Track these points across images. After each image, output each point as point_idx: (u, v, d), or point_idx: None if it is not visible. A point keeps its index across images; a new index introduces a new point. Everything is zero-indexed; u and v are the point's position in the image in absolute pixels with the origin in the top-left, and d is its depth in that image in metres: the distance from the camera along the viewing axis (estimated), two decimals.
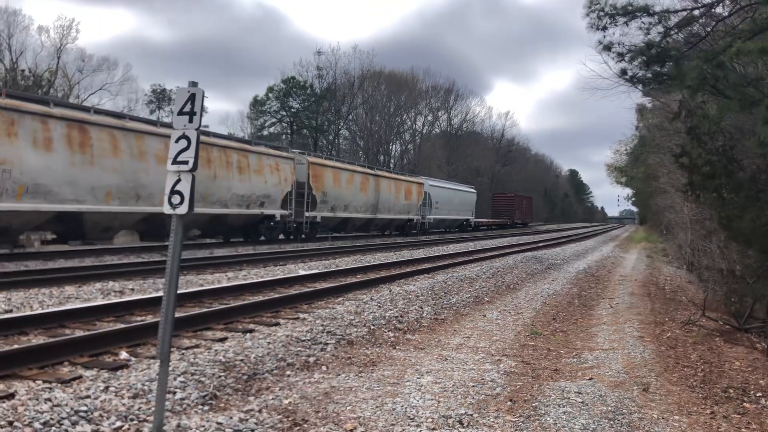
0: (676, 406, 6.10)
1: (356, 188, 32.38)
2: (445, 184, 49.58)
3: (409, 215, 40.05)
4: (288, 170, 26.23)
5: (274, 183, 24.93)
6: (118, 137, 17.72)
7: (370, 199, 34.12)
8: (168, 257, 4.47)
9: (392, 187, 37.35)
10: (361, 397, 5.79)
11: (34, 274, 12.08)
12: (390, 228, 39.02)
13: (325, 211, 29.22)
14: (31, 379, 5.32)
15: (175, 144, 4.56)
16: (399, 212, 38.33)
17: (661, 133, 23.65)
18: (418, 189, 41.30)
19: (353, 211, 32.18)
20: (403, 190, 38.93)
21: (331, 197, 29.68)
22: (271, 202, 24.77)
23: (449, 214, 48.21)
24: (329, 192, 29.38)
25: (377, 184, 34.95)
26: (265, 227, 25.04)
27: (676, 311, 12.66)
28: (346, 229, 33.26)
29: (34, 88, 42.36)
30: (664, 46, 11.29)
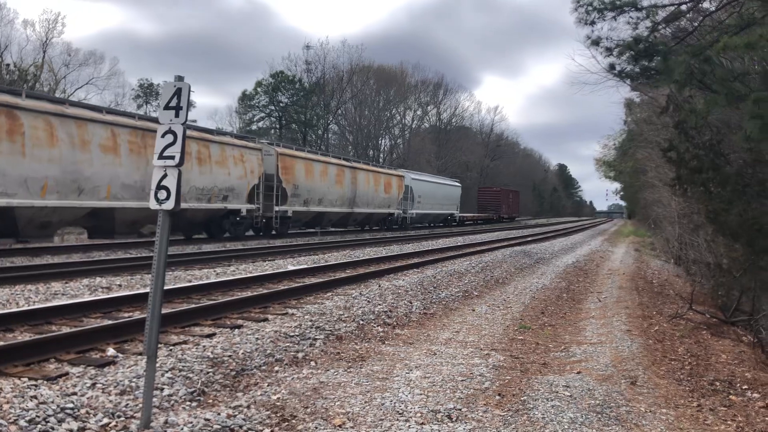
0: (663, 399, 6.14)
1: (331, 181, 30.78)
2: (428, 178, 48.43)
3: (389, 209, 38.69)
4: (255, 161, 24.55)
5: (238, 175, 23.30)
6: (55, 124, 16.10)
7: (347, 193, 32.60)
8: (154, 254, 4.44)
9: (371, 180, 35.75)
10: (349, 393, 5.78)
11: (19, 271, 11.98)
12: (370, 223, 37.61)
13: (297, 205, 27.64)
14: (17, 377, 5.27)
15: (161, 139, 4.53)
16: (378, 206, 36.85)
17: (649, 127, 23.74)
18: (398, 182, 39.96)
19: (328, 205, 30.59)
20: (383, 183, 37.45)
21: (304, 190, 28.13)
22: (236, 196, 23.19)
23: (432, 208, 47.19)
24: (301, 185, 27.80)
25: (354, 177, 33.42)
26: (230, 223, 23.59)
27: (664, 305, 12.74)
28: (322, 225, 31.55)
29: (20, 82, 41.95)
30: (652, 41, 11.33)
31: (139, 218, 18.85)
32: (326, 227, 32.67)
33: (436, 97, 79.16)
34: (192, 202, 20.79)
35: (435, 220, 49.52)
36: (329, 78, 65.03)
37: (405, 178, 41.16)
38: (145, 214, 18.26)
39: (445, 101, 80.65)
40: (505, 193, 67.41)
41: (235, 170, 23.08)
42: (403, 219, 41.20)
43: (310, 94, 62.04)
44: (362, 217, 35.48)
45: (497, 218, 62.81)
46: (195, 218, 21.82)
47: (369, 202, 35.39)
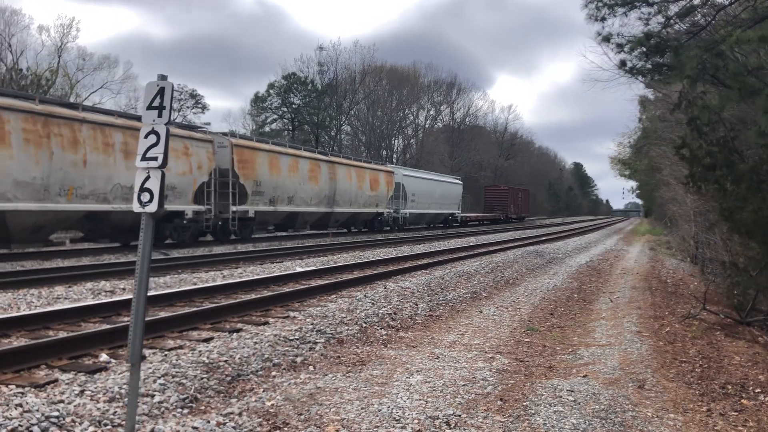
0: (671, 403, 5.93)
1: (303, 177, 27.20)
2: (423, 174, 44.98)
3: (377, 209, 34.87)
4: (203, 155, 21.07)
5: (181, 171, 19.99)
6: None
7: (324, 190, 29.02)
8: (138, 258, 4.32)
9: (353, 176, 32.01)
10: (346, 398, 5.63)
11: (26, 275, 11.96)
12: (355, 224, 34.34)
13: (260, 205, 24.23)
14: (4, 384, 5.16)
15: (144, 139, 4.40)
16: (364, 205, 33.14)
17: (664, 124, 23.39)
18: (387, 178, 36.08)
19: (301, 204, 27.09)
20: (368, 180, 33.53)
21: (268, 187, 24.65)
22: (178, 195, 19.88)
23: (429, 207, 43.57)
24: (264, 181, 24.36)
25: (333, 173, 29.81)
26: (172, 227, 20.33)
27: (677, 305, 12.46)
28: (296, 227, 28.29)
29: (34, 87, 42.27)
30: (664, 37, 11.11)
31: (43, 223, 16.13)
32: (301, 229, 29.50)
33: (450, 97, 78.97)
34: (117, 203, 17.87)
35: (433, 220, 46.24)
36: (342, 79, 65.03)
37: (395, 174, 37.74)
38: (52, 218, 16.26)
39: (459, 100, 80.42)
40: (513, 191, 64.40)
41: (176, 165, 19.55)
42: (394, 219, 37.91)
43: (322, 95, 62.02)
44: (345, 217, 32.16)
45: (505, 218, 59.93)
46: (124, 222, 18.47)
47: (352, 201, 31.90)
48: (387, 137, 69.32)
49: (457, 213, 49.24)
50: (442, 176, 49.62)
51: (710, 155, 10.87)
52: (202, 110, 61.27)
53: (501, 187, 64.63)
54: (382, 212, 35.50)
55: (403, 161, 64.80)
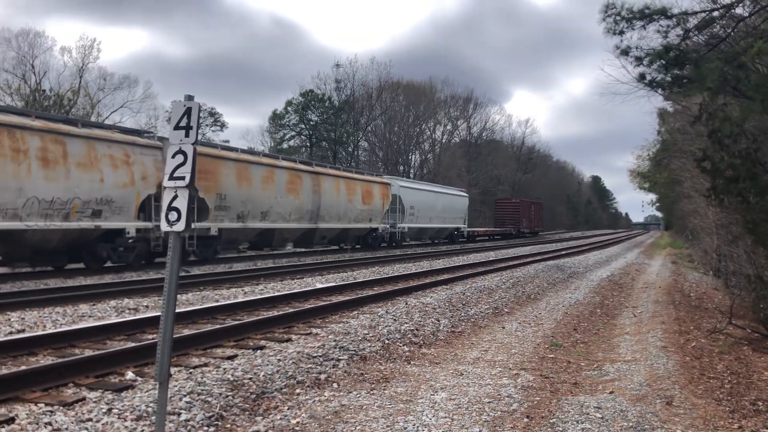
0: (701, 420, 5.83)
1: (280, 189, 24.24)
2: (423, 186, 42.11)
3: (371, 224, 31.99)
4: (150, 164, 18.32)
5: (120, 183, 17.29)
6: None
7: (307, 204, 26.17)
8: (165, 276, 4.35)
9: (341, 189, 29.10)
10: (371, 416, 5.61)
11: (50, 293, 12.09)
12: (346, 240, 31.32)
13: (226, 221, 21.44)
14: (33, 402, 5.22)
15: (171, 159, 4.45)
16: (355, 220, 30.31)
17: (684, 137, 23.23)
18: (382, 191, 33.11)
19: (278, 219, 24.13)
20: (360, 192, 30.67)
21: (236, 201, 21.67)
22: (117, 211, 17.25)
23: (431, 221, 40.30)
24: (231, 194, 21.44)
25: (317, 185, 26.98)
26: (112, 247, 17.50)
27: (702, 319, 12.30)
28: (273, 245, 25.43)
29: (57, 107, 42.94)
30: (683, 49, 11.06)
31: None
32: (280, 248, 26.58)
33: (466, 112, 79.01)
34: (34, 221, 15.19)
35: (436, 236, 43.14)
36: (358, 95, 65.36)
37: (392, 186, 34.83)
38: None
39: (475, 115, 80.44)
40: (525, 204, 61.10)
41: (114, 175, 17.07)
42: (391, 235, 35.11)
43: (339, 111, 62.35)
44: (333, 233, 29.26)
45: (517, 233, 56.52)
46: (47, 243, 16.05)
47: (341, 216, 29.06)
48: (404, 153, 69.46)
49: (463, 227, 46.36)
50: (446, 188, 46.68)
51: (732, 167, 10.76)
52: (221, 128, 61.92)
53: (512, 200, 62.05)
54: (376, 227, 32.63)
55: (420, 176, 64.81)
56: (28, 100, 42.31)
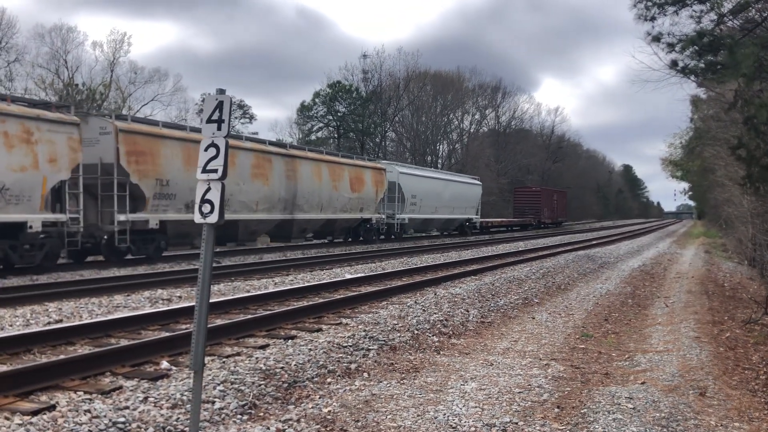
0: (735, 411, 5.77)
1: (243, 174, 20.71)
2: (428, 172, 38.39)
3: (362, 214, 28.33)
4: (62, 143, 15.15)
5: (17, 165, 14.17)
6: None
7: (279, 192, 22.61)
8: (200, 266, 4.43)
9: (324, 174, 25.47)
10: (402, 405, 5.65)
11: (85, 284, 12.34)
12: (333, 233, 28.13)
13: (170, 212, 18.02)
14: (73, 390, 5.36)
15: (204, 152, 4.52)
16: (342, 210, 26.81)
17: (717, 124, 22.80)
18: (375, 177, 29.33)
19: (242, 209, 20.83)
20: (347, 179, 27.07)
21: (182, 189, 18.00)
22: (13, 200, 14.14)
23: (437, 212, 36.46)
24: (176, 180, 17.98)
25: (292, 169, 23.39)
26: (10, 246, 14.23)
27: (736, 310, 12.13)
28: (239, 238, 21.83)
29: (89, 101, 43.64)
30: (717, 35, 10.86)
31: None
32: (249, 242, 22.78)
33: (494, 101, 78.38)
34: None
35: (444, 227, 39.68)
36: (386, 86, 65.20)
37: (389, 172, 31.04)
38: None
39: (504, 104, 79.77)
40: (547, 193, 56.99)
41: (8, 156, 14.03)
42: (389, 227, 31.57)
43: (367, 102, 62.34)
44: (314, 225, 25.87)
45: (537, 224, 52.68)
46: None
47: (324, 205, 25.51)
48: (432, 143, 69.24)
49: (475, 218, 42.27)
50: (455, 175, 43.07)
51: None
52: (249, 120, 62.31)
53: (533, 188, 57.86)
54: (369, 218, 29.02)
55: (448, 166, 64.56)
56: (62, 94, 43.04)
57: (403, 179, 32.49)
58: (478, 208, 42.99)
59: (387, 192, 30.55)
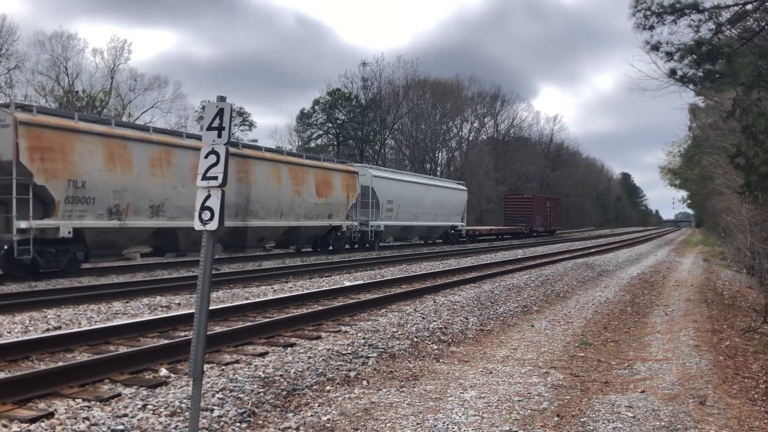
0: (735, 420, 5.76)
1: (181, 176, 18.11)
2: (406, 176, 35.76)
3: (331, 221, 26.05)
4: None
5: None
6: None
7: (229, 196, 19.22)
8: (199, 275, 4.42)
9: (284, 177, 22.96)
10: (401, 414, 5.64)
11: (85, 291, 12.32)
12: (297, 241, 25.49)
13: (89, 218, 15.58)
14: (72, 398, 5.34)
15: (204, 159, 4.53)
16: (306, 217, 24.36)
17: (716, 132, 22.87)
18: (346, 180, 27.12)
19: (181, 216, 18.07)
20: (312, 182, 24.64)
21: (103, 191, 15.90)
22: None
23: (418, 218, 34.22)
24: (95, 181, 15.67)
25: (244, 171, 20.89)
26: None
27: (736, 318, 12.12)
28: (180, 247, 19.14)
29: (89, 108, 43.67)
30: (716, 44, 10.90)
31: None
32: (190, 252, 19.49)
33: (493, 109, 78.52)
34: None
35: (426, 235, 37.70)
36: (385, 93, 65.36)
37: (362, 176, 28.94)
38: None
39: (503, 112, 79.90)
40: (540, 200, 55.57)
41: None
42: (363, 234, 29.39)
43: (366, 110, 62.47)
44: (275, 233, 23.32)
45: (529, 232, 51.38)
46: None
47: (285, 211, 23.01)
48: (431, 150, 69.31)
49: (460, 225, 40.17)
50: (436, 179, 41.25)
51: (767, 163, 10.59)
52: (249, 127, 62.42)
53: (524, 196, 56.10)
54: (339, 225, 26.73)
55: (447, 174, 64.62)
56: (62, 101, 43.08)
57: (378, 183, 30.34)
58: (464, 215, 41.22)
59: (360, 197, 28.59)
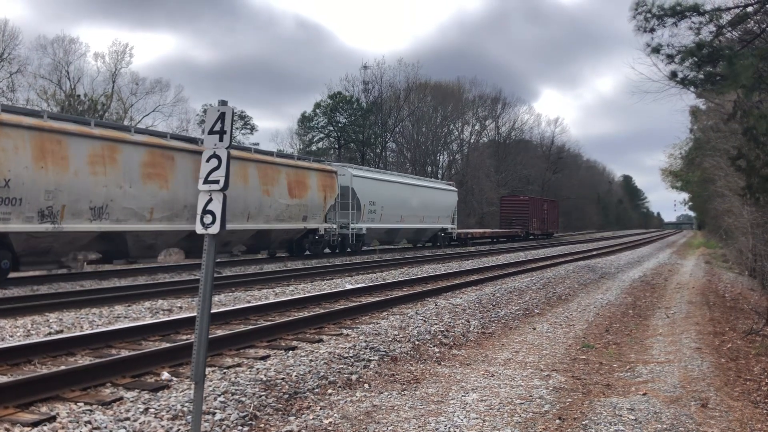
0: (737, 423, 5.76)
1: (129, 174, 16.65)
2: (389, 176, 33.96)
3: (306, 223, 24.27)
4: None
5: None
6: None
7: (184, 197, 18.09)
8: (201, 278, 4.43)
9: (251, 176, 21.29)
10: (403, 417, 5.64)
11: (86, 294, 12.33)
12: (268, 246, 23.70)
13: (15, 222, 14.00)
14: (74, 402, 5.34)
15: (206, 163, 4.54)
16: (278, 219, 22.57)
17: (717, 135, 22.86)
18: (323, 180, 25.48)
19: (129, 218, 16.65)
20: (284, 182, 22.93)
21: (33, 191, 14.33)
22: None
23: (404, 221, 32.49)
24: (22, 180, 14.06)
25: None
26: None
27: (738, 320, 12.11)
28: (129, 253, 17.28)
29: (91, 112, 43.72)
30: (716, 46, 10.92)
31: None
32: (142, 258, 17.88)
33: (494, 111, 78.52)
34: None
35: (415, 237, 36.14)
36: (386, 96, 65.37)
37: (341, 176, 27.35)
38: None
39: (504, 115, 79.89)
40: (536, 202, 54.03)
41: None
42: (342, 238, 27.55)
43: (367, 113, 62.50)
44: (243, 237, 21.38)
45: (525, 235, 49.78)
46: None
47: (252, 213, 21.34)
48: (432, 153, 69.32)
49: (450, 228, 38.39)
50: (424, 180, 39.40)
51: None
52: (251, 131, 62.44)
53: (520, 198, 54.19)
54: (316, 228, 25.02)
55: (448, 177, 64.59)
56: (64, 105, 43.13)
57: (359, 183, 28.68)
58: (454, 217, 39.37)
59: (339, 198, 27.07)
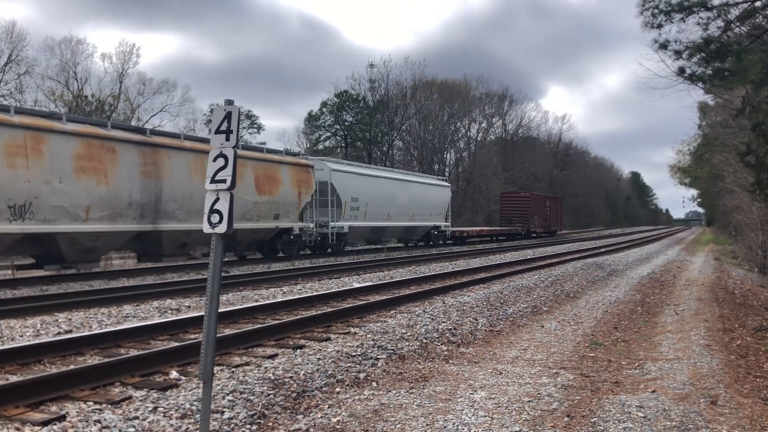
0: (747, 420, 5.72)
1: (59, 168, 14.91)
2: (373, 171, 32.00)
3: (277, 222, 22.32)
4: None
5: None
6: None
7: (128, 193, 16.63)
8: (208, 277, 4.44)
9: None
10: (411, 415, 5.64)
11: (95, 294, 12.39)
12: (234, 247, 21.70)
13: None
14: (83, 401, 5.37)
15: (212, 163, 4.55)
16: (243, 218, 20.33)
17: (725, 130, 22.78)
18: (298, 175, 23.39)
19: (60, 217, 14.92)
20: (251, 177, 20.88)
21: None
22: None
23: (392, 219, 30.51)
24: None
25: (154, 163, 17.39)
26: None
27: (747, 317, 12.04)
28: (65, 258, 15.61)
29: (98, 113, 43.91)
30: (724, 41, 10.87)
31: None
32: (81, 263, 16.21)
33: (501, 109, 78.39)
34: None
35: (405, 236, 34.50)
36: (393, 95, 65.40)
37: (318, 170, 25.32)
38: None
39: (511, 112, 79.75)
40: (538, 199, 51.87)
41: None
42: (321, 238, 25.65)
43: (374, 111, 62.51)
44: (200, 237, 18.51)
45: (526, 233, 47.98)
46: None
47: None
48: (439, 151, 69.29)
49: (444, 225, 36.49)
50: (414, 175, 37.16)
51: None
52: (257, 130, 62.58)
53: (521, 194, 51.95)
54: (289, 227, 23.05)
55: (455, 174, 64.55)
56: (71, 106, 43.34)
57: (338, 178, 26.69)
58: (448, 214, 37.63)
59: (317, 194, 25.13)
